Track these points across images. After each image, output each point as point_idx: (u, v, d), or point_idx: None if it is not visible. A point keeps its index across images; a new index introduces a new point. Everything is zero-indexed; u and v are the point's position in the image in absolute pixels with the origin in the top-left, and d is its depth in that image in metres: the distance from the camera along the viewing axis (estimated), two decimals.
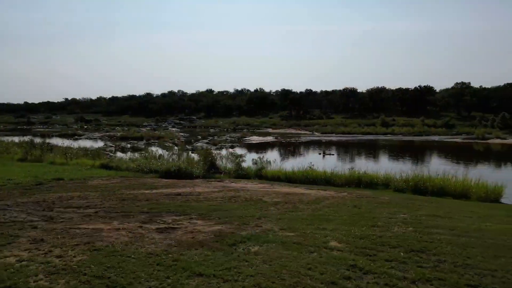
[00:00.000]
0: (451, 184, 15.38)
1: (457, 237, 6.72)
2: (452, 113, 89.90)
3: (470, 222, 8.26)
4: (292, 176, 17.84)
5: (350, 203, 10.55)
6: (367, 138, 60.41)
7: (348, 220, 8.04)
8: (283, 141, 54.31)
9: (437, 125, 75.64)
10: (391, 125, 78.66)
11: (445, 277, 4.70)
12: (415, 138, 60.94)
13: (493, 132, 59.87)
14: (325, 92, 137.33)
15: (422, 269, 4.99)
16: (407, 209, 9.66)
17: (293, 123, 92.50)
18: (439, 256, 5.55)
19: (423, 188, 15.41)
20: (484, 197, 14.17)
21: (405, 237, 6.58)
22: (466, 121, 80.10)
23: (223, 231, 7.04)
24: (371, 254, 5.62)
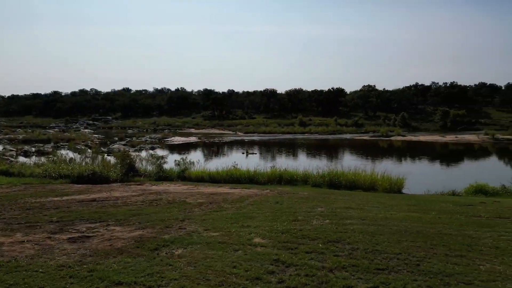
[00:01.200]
0: (361, 178, 16.82)
1: (367, 226, 7.36)
2: (361, 113, 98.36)
3: (378, 211, 9.11)
4: (216, 176, 17.81)
5: (273, 199, 10.89)
6: (286, 137, 63.02)
7: (271, 216, 8.29)
8: (207, 141, 53.93)
9: (348, 124, 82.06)
10: (308, 124, 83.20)
11: (358, 263, 5.11)
12: (329, 136, 65.42)
13: (394, 130, 66.98)
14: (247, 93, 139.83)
15: (338, 258, 5.36)
16: (324, 203, 10.30)
17: (216, 123, 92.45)
18: (352, 244, 6.02)
19: (337, 182, 16.60)
20: (389, 188, 15.78)
21: (323, 229, 7.00)
22: (372, 120, 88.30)
23: (144, 236, 6.73)
24: (292, 248, 5.86)
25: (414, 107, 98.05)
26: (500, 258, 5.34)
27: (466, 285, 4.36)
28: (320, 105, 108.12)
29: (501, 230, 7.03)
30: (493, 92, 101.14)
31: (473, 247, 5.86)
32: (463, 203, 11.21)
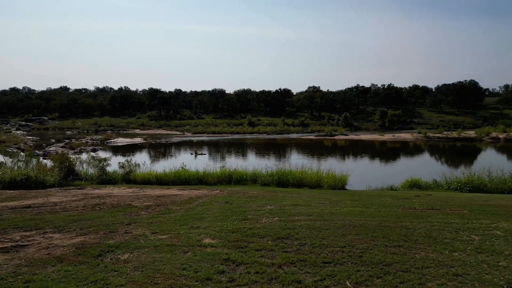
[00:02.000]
0: (308, 176, 17.36)
1: (314, 221, 7.62)
2: (306, 113, 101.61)
3: (324, 207, 9.47)
4: (164, 178, 17.36)
5: (222, 199, 10.86)
6: (236, 137, 63.15)
7: (221, 217, 8.26)
8: (153, 142, 52.30)
9: (295, 124, 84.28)
10: (257, 124, 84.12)
11: (306, 258, 5.27)
12: (277, 136, 66.65)
13: (338, 130, 70.01)
14: (195, 93, 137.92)
15: (287, 254, 5.48)
16: (273, 201, 10.49)
17: (163, 124, 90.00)
18: (300, 240, 6.19)
19: (285, 181, 16.97)
20: (334, 185, 16.45)
21: (272, 227, 7.12)
22: (317, 120, 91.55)
23: (86, 242, 6.36)
24: (242, 246, 5.89)
25: (356, 107, 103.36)
26: (433, 246, 5.80)
27: (404, 272, 4.68)
28: (268, 105, 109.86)
29: (433, 221, 7.65)
30: (425, 93, 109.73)
31: (409, 237, 6.31)
32: (400, 196, 12.03)
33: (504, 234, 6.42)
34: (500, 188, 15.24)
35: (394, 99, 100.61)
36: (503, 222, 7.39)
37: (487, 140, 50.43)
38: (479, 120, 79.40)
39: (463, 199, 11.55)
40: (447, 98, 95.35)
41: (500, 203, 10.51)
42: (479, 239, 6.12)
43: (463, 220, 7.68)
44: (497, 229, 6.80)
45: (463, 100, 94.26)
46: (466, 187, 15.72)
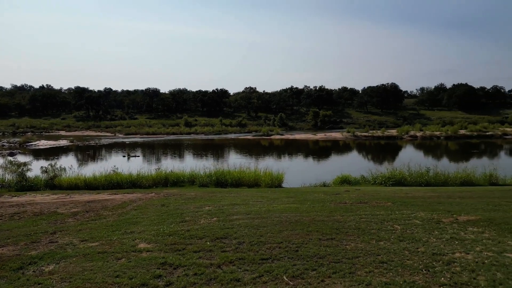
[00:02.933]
0: (246, 175, 17.55)
1: (252, 219, 7.73)
2: (244, 113, 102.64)
3: (261, 205, 9.65)
4: (94, 182, 16.32)
5: (158, 202, 10.52)
6: (172, 138, 61.56)
7: (157, 220, 8.00)
8: (81, 145, 48.89)
9: (232, 124, 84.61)
10: (194, 125, 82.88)
11: (244, 256, 5.32)
12: (215, 136, 66.34)
13: (274, 130, 71.74)
14: (127, 92, 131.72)
15: (225, 253, 5.48)
16: (211, 202, 10.42)
17: (92, 125, 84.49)
18: (239, 239, 6.23)
19: (224, 181, 16.97)
20: (271, 183, 16.84)
21: (210, 227, 7.07)
22: (254, 120, 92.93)
23: (5, 254, 5.74)
24: (180, 249, 5.77)
25: (290, 108, 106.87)
26: (361, 237, 6.22)
27: (336, 263, 4.95)
28: (205, 105, 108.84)
29: (362, 213, 8.20)
30: (353, 95, 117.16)
31: (341, 230, 6.69)
32: (332, 192, 12.70)
33: (422, 223, 7.09)
34: (418, 182, 16.82)
35: (325, 100, 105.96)
36: (421, 212, 8.17)
37: (406, 138, 55.36)
38: (400, 120, 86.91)
39: (387, 192, 12.55)
40: (372, 100, 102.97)
41: (418, 195, 11.60)
42: (401, 228, 6.69)
43: (387, 211, 8.34)
44: (416, 219, 7.49)
45: (386, 101, 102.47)
46: (390, 181, 17.09)
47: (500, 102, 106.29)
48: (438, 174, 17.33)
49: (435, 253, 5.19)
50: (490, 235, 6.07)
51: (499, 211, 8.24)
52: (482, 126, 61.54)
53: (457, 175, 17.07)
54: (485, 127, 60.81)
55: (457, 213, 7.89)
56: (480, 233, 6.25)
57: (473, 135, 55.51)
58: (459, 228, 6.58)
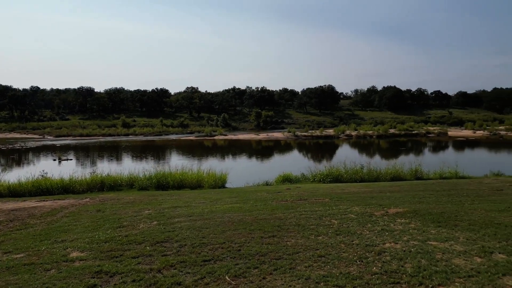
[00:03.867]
0: (188, 177, 17.23)
1: (195, 221, 7.61)
2: (186, 114, 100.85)
3: (204, 207, 9.54)
4: (19, 188, 14.91)
5: (93, 208, 9.92)
6: (109, 140, 58.51)
7: (92, 227, 7.54)
8: (4, 148, 44.49)
9: (174, 125, 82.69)
10: (132, 126, 79.58)
11: (186, 259, 5.22)
12: (156, 137, 64.31)
13: (217, 130, 71.44)
14: (57, 91, 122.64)
15: (166, 257, 5.33)
16: (151, 205, 10.07)
17: (16, 126, 77.34)
18: (180, 242, 6.10)
19: (165, 183, 16.50)
20: (214, 184, 16.72)
21: (150, 232, 6.83)
22: (197, 121, 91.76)
23: None
24: (117, 255, 5.49)
25: (233, 108, 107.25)
26: (301, 233, 6.42)
27: (277, 260, 5.06)
28: (144, 105, 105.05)
29: (302, 210, 8.47)
30: (293, 96, 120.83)
31: (282, 227, 6.85)
32: (274, 190, 12.97)
33: (357, 217, 7.52)
34: (354, 178, 17.82)
35: (267, 101, 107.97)
36: (355, 207, 8.65)
37: (343, 137, 58.40)
38: (336, 120, 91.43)
39: (325, 189, 13.12)
40: (311, 101, 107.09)
41: (354, 190, 12.29)
42: (338, 223, 7.03)
43: (325, 207, 8.71)
44: (351, 213, 7.92)
45: (324, 103, 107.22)
46: (328, 178, 17.89)
47: (424, 103, 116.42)
48: (371, 170, 18.52)
49: (368, 245, 5.53)
50: (415, 226, 6.62)
51: (423, 203, 9.02)
52: (409, 126, 67.01)
53: (388, 171, 18.38)
54: (411, 127, 66.28)
55: (388, 206, 8.49)
56: (407, 224, 6.78)
57: (401, 134, 60.19)
58: (389, 220, 7.09)
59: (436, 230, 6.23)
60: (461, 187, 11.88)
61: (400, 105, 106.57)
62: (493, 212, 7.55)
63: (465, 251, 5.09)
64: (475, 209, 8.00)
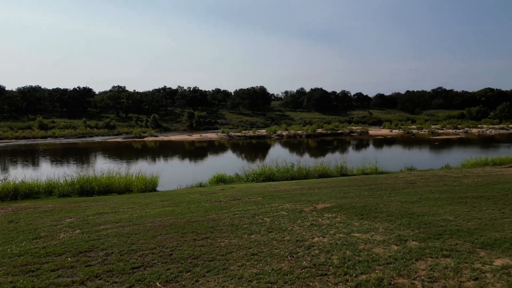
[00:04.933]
0: (115, 181, 16.30)
1: (123, 228, 7.22)
2: (112, 114, 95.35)
3: (133, 212, 9.10)
4: None
5: (5, 219, 8.89)
6: (23, 143, 53.03)
7: (2, 240, 6.74)
8: None
9: (99, 126, 77.74)
10: (51, 127, 73.06)
11: (113, 268, 4.92)
12: (78, 140, 59.84)
13: (147, 131, 68.78)
14: None
15: (90, 268, 4.97)
16: (74, 213, 9.34)
17: None
18: (107, 250, 5.74)
19: (89, 189, 15.42)
20: (144, 188, 16.05)
21: (72, 241, 6.32)
22: (125, 122, 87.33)
23: None
24: (34, 269, 4.98)
25: (164, 108, 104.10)
26: (235, 233, 6.44)
27: (210, 261, 5.01)
28: (64, 105, 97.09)
29: (235, 210, 8.51)
30: (226, 96, 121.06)
31: (215, 228, 6.81)
32: (208, 192, 12.86)
33: (288, 214, 7.77)
34: (285, 176, 18.41)
35: (200, 101, 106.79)
36: (287, 204, 8.94)
37: (274, 137, 60.06)
38: (268, 120, 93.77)
39: (258, 188, 13.36)
40: (243, 101, 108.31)
41: (285, 188, 12.69)
42: (270, 220, 7.20)
43: (258, 206, 8.87)
44: (282, 210, 8.16)
45: (256, 103, 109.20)
46: (261, 177, 18.25)
47: (347, 104, 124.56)
48: (301, 168, 19.30)
49: (298, 240, 5.75)
50: (341, 219, 7.04)
51: (347, 197, 9.64)
52: (334, 125, 71.28)
53: (316, 169, 19.32)
54: (336, 126, 70.57)
55: (316, 202, 8.91)
56: (334, 218, 7.19)
57: (327, 133, 63.74)
58: (317, 215, 7.44)
59: (359, 223, 6.69)
60: (380, 182, 12.93)
61: (327, 106, 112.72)
62: (407, 203, 8.34)
63: (384, 240, 5.54)
64: (392, 201, 8.76)
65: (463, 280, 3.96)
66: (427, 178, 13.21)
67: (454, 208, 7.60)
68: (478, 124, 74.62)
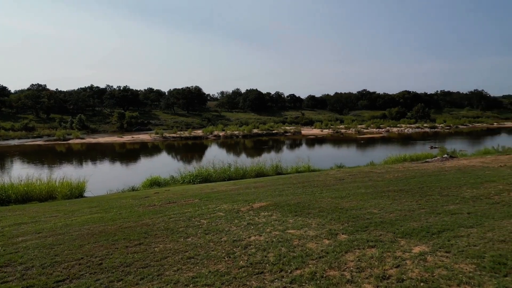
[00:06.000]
0: (36, 188, 14.94)
1: (45, 238, 6.62)
2: (31, 115, 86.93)
3: (57, 220, 8.39)
4: None
5: None
6: None
7: None
8: None
9: (16, 128, 70.54)
10: None
11: (34, 283, 4.48)
12: None
13: (72, 133, 64.00)
14: None
15: (7, 284, 4.47)
16: None
17: None
18: (26, 264, 5.21)
19: (5, 197, 13.94)
20: (70, 194, 14.92)
21: None
22: (46, 123, 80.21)
23: None
24: None
25: (92, 109, 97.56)
26: (170, 237, 6.26)
27: (144, 268, 4.80)
28: None
29: (171, 213, 8.28)
30: (159, 96, 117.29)
31: (149, 233, 6.55)
32: (141, 196, 12.35)
33: (225, 214, 7.76)
34: (222, 177, 18.39)
35: (131, 101, 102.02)
36: (224, 204, 8.93)
37: (211, 138, 59.67)
38: (205, 121, 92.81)
39: (195, 189, 13.16)
40: (178, 101, 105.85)
41: (222, 189, 12.66)
42: (207, 222, 7.13)
43: (194, 208, 8.73)
44: (220, 211, 8.13)
45: (191, 103, 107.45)
46: (197, 179, 18.00)
47: (281, 105, 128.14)
48: (238, 169, 19.44)
49: (235, 240, 5.77)
50: (277, 217, 7.21)
51: (282, 195, 9.92)
52: (270, 126, 72.97)
53: (253, 168, 19.60)
54: (271, 127, 72.31)
55: (252, 201, 9.03)
56: (270, 216, 7.34)
57: (263, 133, 65.02)
58: (254, 214, 7.54)
59: (293, 219, 6.92)
60: (313, 179, 13.52)
61: (262, 107, 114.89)
62: (337, 199, 8.82)
63: (317, 235, 5.79)
64: (324, 197, 9.21)
65: (386, 268, 4.29)
66: (354, 175, 14.11)
67: (378, 201, 8.22)
68: (398, 124, 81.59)
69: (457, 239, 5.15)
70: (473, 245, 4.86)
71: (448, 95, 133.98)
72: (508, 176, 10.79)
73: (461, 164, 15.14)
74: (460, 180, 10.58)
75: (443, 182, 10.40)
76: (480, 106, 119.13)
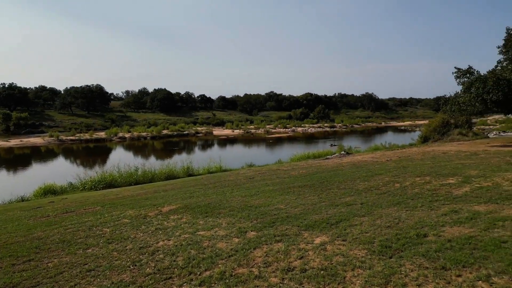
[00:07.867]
0: None
1: None
2: None
3: None
4: None
5: None
6: None
7: None
8: None
9: None
10: None
11: None
12: None
13: None
14: None
15: None
16: None
17: None
18: None
19: None
20: None
21: None
22: None
23: None
24: None
25: None
26: (66, 250, 5.67)
27: (34, 287, 4.27)
28: None
29: (68, 224, 7.52)
30: (54, 95, 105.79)
31: (42, 248, 5.85)
32: (32, 206, 10.98)
33: (131, 221, 7.33)
34: (129, 181, 17.37)
35: (19, 100, 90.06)
36: (129, 210, 8.43)
37: (116, 140, 55.92)
38: (108, 122, 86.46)
39: (97, 196, 12.18)
40: (77, 101, 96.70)
41: (128, 194, 11.96)
42: (110, 230, 6.65)
43: (96, 216, 8.07)
44: (125, 218, 7.66)
45: (93, 103, 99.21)
46: (100, 184, 16.71)
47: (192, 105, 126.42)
48: (146, 172, 18.58)
49: (142, 247, 5.49)
50: (187, 219, 7.07)
51: (193, 197, 9.78)
52: (180, 127, 71.39)
53: (162, 171, 18.93)
54: (182, 127, 70.84)
55: (161, 205, 8.72)
56: (179, 219, 7.16)
57: (173, 134, 63.34)
58: (163, 219, 7.28)
59: (204, 221, 6.86)
60: (224, 179, 13.62)
61: (171, 107, 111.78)
62: (247, 197, 9.03)
63: (227, 234, 5.84)
64: (234, 196, 9.34)
65: (291, 260, 4.52)
66: (263, 173, 14.62)
67: (285, 197, 8.64)
68: (302, 124, 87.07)
69: (352, 227, 5.68)
70: (365, 232, 5.42)
71: (344, 97, 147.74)
72: (393, 169, 12.32)
73: (356, 160, 16.82)
74: (354, 174, 11.72)
75: (340, 176, 11.40)
76: (370, 107, 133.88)
